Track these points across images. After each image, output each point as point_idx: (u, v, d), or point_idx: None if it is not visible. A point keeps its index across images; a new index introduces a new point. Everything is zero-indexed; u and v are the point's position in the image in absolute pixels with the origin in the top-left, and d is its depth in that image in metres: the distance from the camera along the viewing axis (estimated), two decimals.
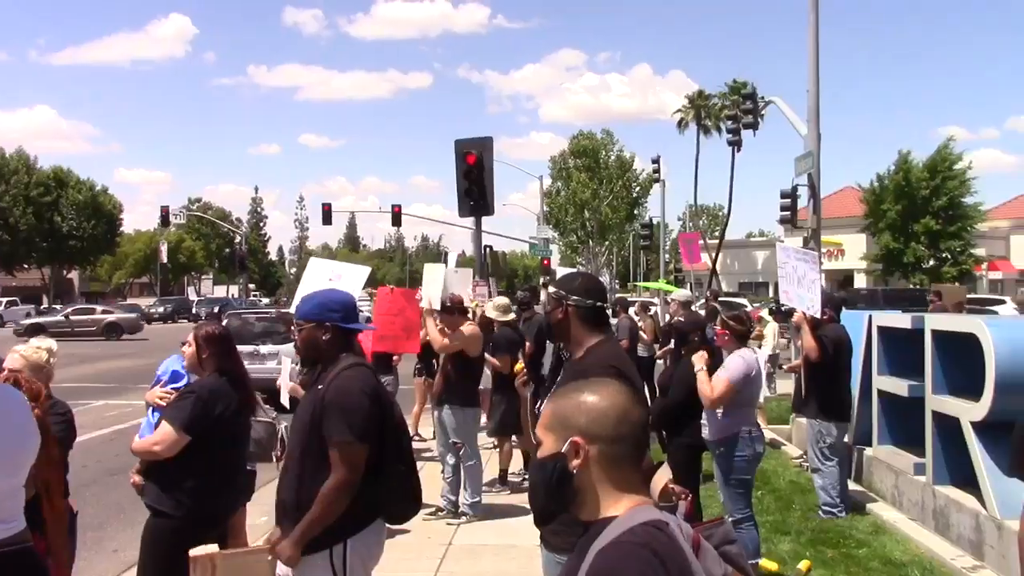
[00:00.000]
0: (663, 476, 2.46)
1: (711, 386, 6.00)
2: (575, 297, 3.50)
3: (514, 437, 9.41)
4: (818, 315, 7.97)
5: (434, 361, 9.68)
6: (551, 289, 3.63)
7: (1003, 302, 32.25)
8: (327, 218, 41.28)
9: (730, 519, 5.67)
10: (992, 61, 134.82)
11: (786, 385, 13.14)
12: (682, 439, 6.53)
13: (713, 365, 6.20)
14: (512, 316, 9.34)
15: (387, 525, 3.80)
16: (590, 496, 1.86)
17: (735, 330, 6.28)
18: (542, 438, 1.93)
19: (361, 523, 3.60)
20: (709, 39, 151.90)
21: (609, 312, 3.90)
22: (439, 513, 8.01)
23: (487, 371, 9.11)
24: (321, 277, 6.74)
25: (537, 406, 9.17)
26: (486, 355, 8.73)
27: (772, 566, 6.33)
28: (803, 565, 6.31)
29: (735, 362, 6.10)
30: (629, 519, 1.78)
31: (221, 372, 4.44)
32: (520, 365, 8.85)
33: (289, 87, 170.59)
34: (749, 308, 39.40)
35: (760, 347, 13.74)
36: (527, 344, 9.42)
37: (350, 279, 7.07)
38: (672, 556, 1.71)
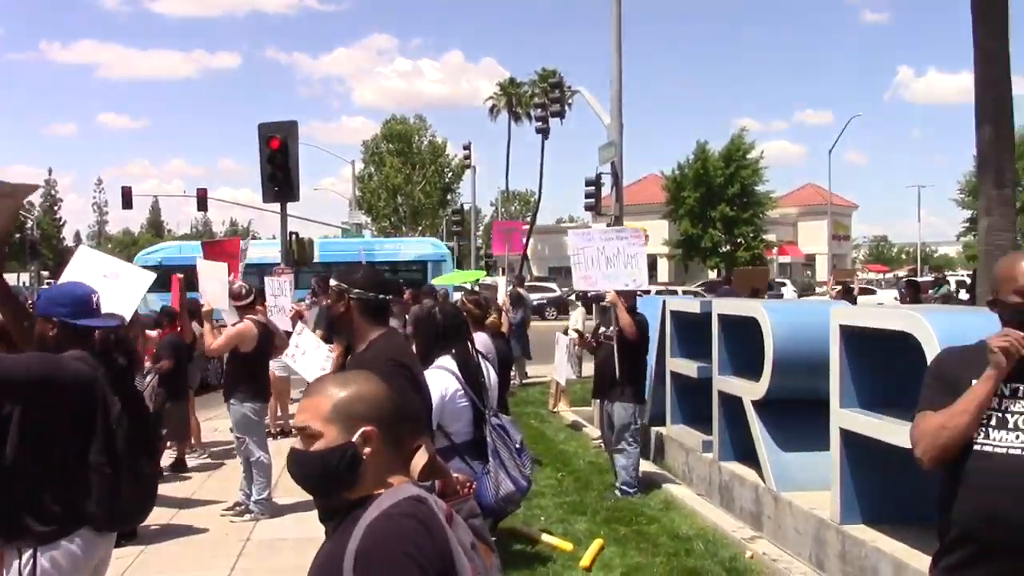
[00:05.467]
0: (422, 457, 2.62)
1: None
2: (357, 290, 3.47)
3: None
4: (645, 287, 8.24)
5: None
6: (332, 282, 3.55)
7: (787, 284, 34.32)
8: (127, 202, 39.14)
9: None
10: (780, 57, 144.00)
11: (591, 368, 13.46)
12: None
13: None
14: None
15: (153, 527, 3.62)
16: (367, 478, 1.99)
17: (472, 313, 6.29)
18: (321, 429, 1.97)
19: (56, 533, 3.27)
20: (520, 27, 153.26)
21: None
22: (237, 507, 7.76)
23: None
24: (94, 272, 5.86)
25: None
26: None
27: (567, 546, 6.49)
28: (596, 544, 6.50)
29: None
30: (395, 494, 1.96)
31: None
32: None
33: (87, 64, 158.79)
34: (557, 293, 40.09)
35: (566, 332, 14.10)
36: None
37: (130, 282, 6.00)
38: (434, 525, 1.93)
